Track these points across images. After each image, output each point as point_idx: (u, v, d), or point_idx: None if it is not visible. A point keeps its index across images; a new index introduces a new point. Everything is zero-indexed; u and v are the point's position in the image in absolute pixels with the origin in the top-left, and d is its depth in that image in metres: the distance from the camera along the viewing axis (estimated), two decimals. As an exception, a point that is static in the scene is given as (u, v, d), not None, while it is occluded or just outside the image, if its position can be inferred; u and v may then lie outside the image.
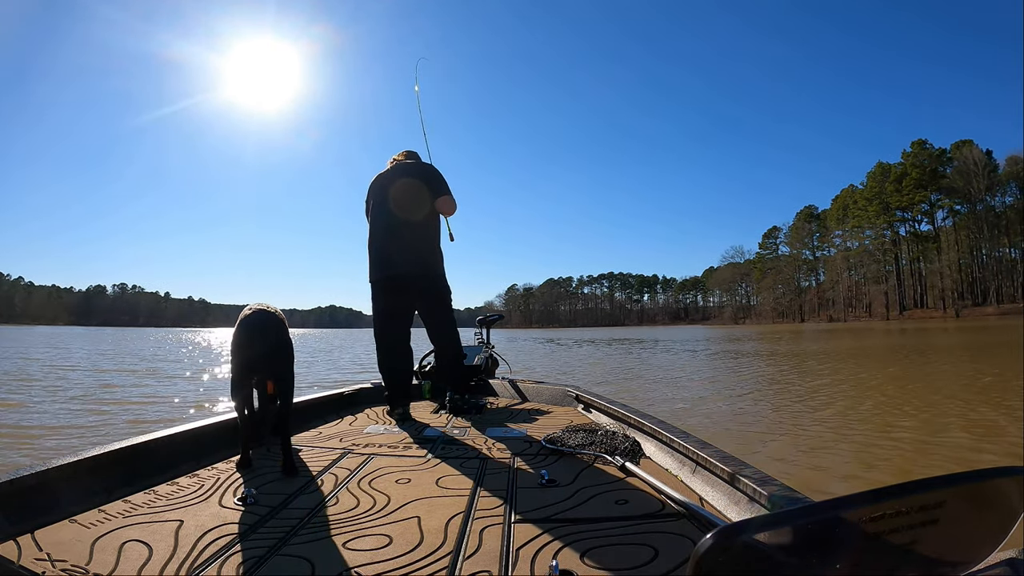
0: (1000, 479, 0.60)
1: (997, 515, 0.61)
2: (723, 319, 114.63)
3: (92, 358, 16.11)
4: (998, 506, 0.60)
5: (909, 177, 76.45)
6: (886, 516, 0.56)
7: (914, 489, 0.56)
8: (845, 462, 3.90)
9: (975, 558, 0.62)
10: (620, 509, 1.45)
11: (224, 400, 6.90)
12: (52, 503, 1.43)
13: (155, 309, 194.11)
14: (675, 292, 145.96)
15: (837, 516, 0.56)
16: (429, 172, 3.11)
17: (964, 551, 0.62)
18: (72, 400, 7.03)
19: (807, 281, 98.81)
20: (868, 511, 0.56)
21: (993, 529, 0.61)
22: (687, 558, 0.85)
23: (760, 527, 0.53)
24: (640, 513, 1.42)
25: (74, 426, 5.32)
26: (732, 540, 0.50)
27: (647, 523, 1.35)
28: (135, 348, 23.05)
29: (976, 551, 0.62)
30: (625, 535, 1.28)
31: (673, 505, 1.45)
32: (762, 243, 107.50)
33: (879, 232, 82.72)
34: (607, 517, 1.39)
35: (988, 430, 4.77)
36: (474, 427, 2.60)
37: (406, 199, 2.99)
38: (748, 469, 1.47)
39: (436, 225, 3.11)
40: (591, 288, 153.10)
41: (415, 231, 2.99)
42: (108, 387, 8.69)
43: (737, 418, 5.62)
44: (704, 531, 1.11)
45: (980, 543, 0.62)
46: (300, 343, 28.12)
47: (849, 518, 0.56)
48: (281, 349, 1.98)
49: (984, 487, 0.60)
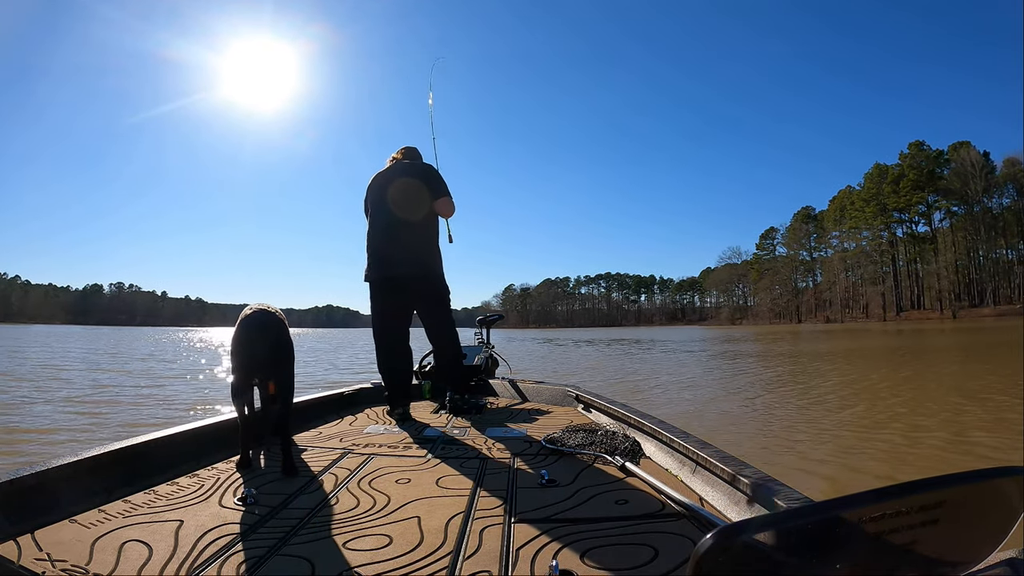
0: (1000, 479, 0.59)
1: (997, 515, 0.60)
2: (720, 320, 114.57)
3: (92, 358, 15.98)
4: (998, 506, 0.60)
5: (906, 178, 76.53)
6: (886, 516, 0.56)
7: (914, 489, 0.56)
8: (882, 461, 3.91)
9: (975, 558, 0.62)
10: (620, 509, 1.46)
11: (218, 403, 6.82)
12: (52, 503, 1.43)
13: (152, 308, 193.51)
14: (672, 293, 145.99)
15: (837, 516, 0.55)
16: (428, 172, 3.09)
17: (964, 551, 0.62)
18: (65, 402, 6.88)
19: (804, 282, 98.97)
20: (868, 511, 0.55)
21: (993, 529, 0.61)
22: (687, 558, 0.85)
23: (760, 527, 0.53)
24: (640, 513, 1.42)
25: (63, 428, 5.19)
26: (732, 540, 0.50)
27: (647, 523, 1.35)
28: (132, 348, 22.89)
29: (976, 551, 0.62)
30: (625, 535, 1.28)
31: (673, 505, 1.46)
32: (759, 244, 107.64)
33: (876, 233, 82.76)
34: (607, 517, 1.40)
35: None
36: (474, 427, 2.60)
37: (405, 199, 2.98)
38: (748, 469, 1.47)
39: (435, 226, 3.09)
40: (588, 288, 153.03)
41: (414, 231, 2.97)
42: (102, 387, 8.59)
43: (772, 427, 5.39)
44: (704, 531, 1.11)
45: (980, 543, 0.62)
46: (298, 343, 29.42)
47: (849, 518, 0.55)
48: (281, 349, 1.98)
49: (984, 487, 0.59)
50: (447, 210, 3.08)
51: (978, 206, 72.21)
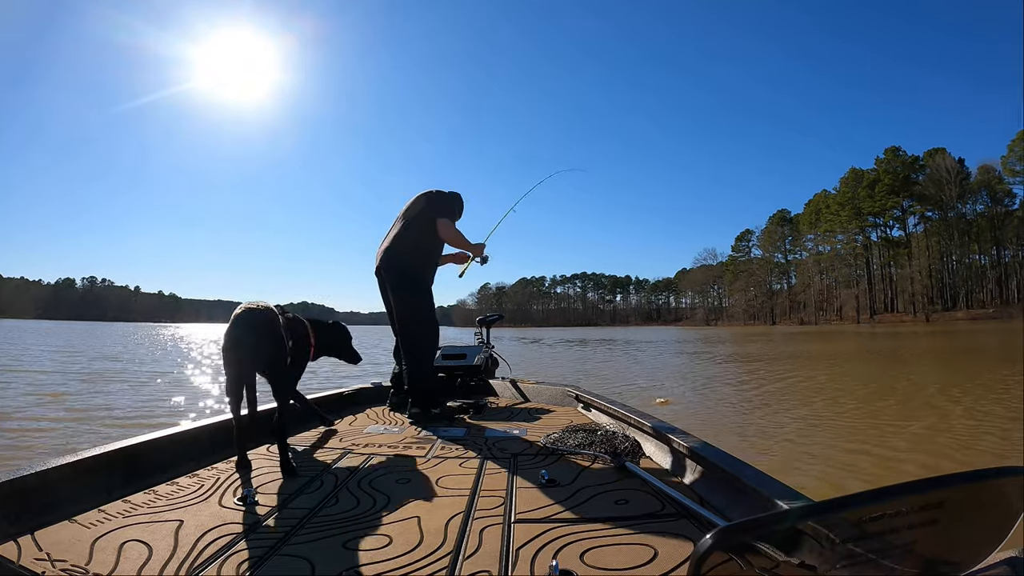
0: (1000, 479, 0.60)
1: (997, 515, 0.60)
2: (695, 320, 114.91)
3: (45, 355, 14.64)
4: (998, 506, 0.60)
5: (882, 183, 77.48)
6: (886, 516, 0.56)
7: (914, 489, 0.57)
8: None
9: (975, 558, 0.62)
10: (620, 509, 1.47)
11: (193, 414, 5.98)
12: (52, 503, 1.42)
13: (125, 303, 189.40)
14: (648, 293, 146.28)
15: (837, 516, 0.56)
16: (436, 195, 3.27)
17: (964, 551, 0.62)
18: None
19: (779, 284, 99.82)
20: (868, 511, 0.56)
21: (993, 529, 0.61)
22: (687, 558, 0.92)
23: (760, 527, 0.54)
24: (640, 513, 1.43)
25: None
26: (732, 540, 0.51)
27: (647, 523, 1.36)
28: (94, 345, 20.64)
29: (976, 551, 0.62)
30: (625, 535, 1.29)
31: (673, 505, 1.46)
32: (735, 245, 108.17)
33: (851, 237, 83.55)
34: (607, 517, 1.40)
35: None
36: (474, 427, 2.62)
37: (410, 207, 3.24)
38: (748, 469, 1.48)
39: (430, 235, 3.17)
40: (564, 288, 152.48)
41: (403, 231, 3.14)
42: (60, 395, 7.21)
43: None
44: (704, 531, 1.10)
45: (980, 543, 0.62)
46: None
47: (849, 518, 0.56)
48: (267, 344, 1.96)
49: (984, 487, 0.60)
50: (443, 232, 3.17)
51: (952, 212, 73.24)
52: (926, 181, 74.20)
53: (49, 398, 6.89)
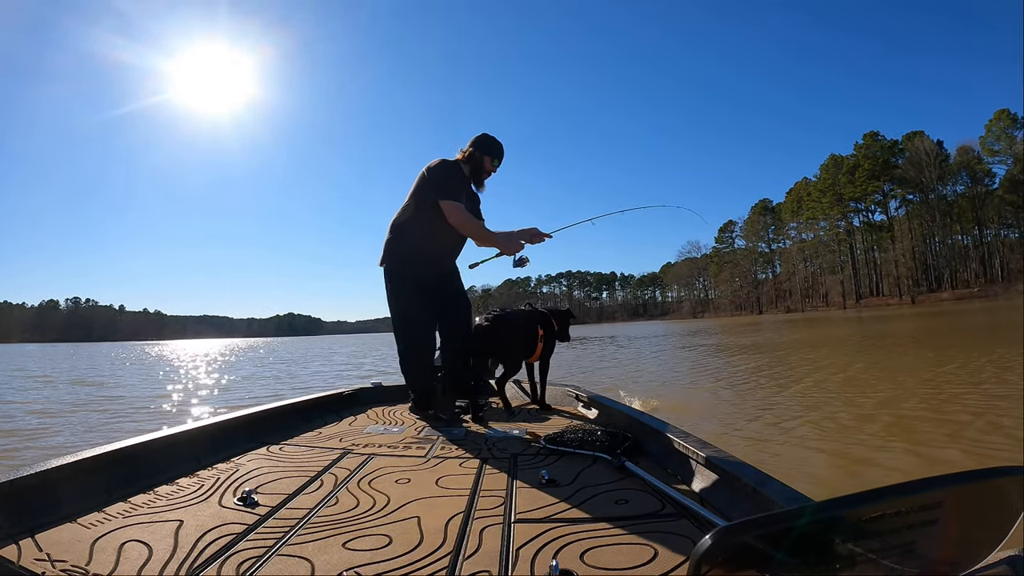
0: (1000, 479, 0.60)
1: (997, 515, 0.61)
2: (682, 314, 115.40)
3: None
4: (998, 506, 0.60)
5: (862, 168, 78.17)
6: (886, 516, 0.56)
7: (914, 489, 0.57)
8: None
9: (975, 558, 0.62)
10: (620, 509, 1.45)
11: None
12: (52, 504, 1.42)
13: (110, 323, 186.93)
14: (633, 289, 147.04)
15: (837, 516, 0.56)
16: (433, 169, 2.83)
17: (964, 551, 0.62)
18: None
19: (764, 273, 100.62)
20: (868, 511, 0.56)
21: (993, 529, 0.61)
22: (687, 558, 0.94)
23: (760, 527, 0.54)
24: (640, 513, 1.42)
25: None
26: (732, 540, 0.51)
27: (647, 523, 1.35)
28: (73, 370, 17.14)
29: (976, 551, 0.62)
30: (625, 535, 1.28)
31: (673, 505, 1.46)
32: (718, 237, 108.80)
33: (833, 223, 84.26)
34: (607, 517, 1.39)
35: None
36: (474, 427, 2.59)
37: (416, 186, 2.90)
38: (748, 469, 1.47)
39: (428, 213, 2.79)
40: (550, 287, 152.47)
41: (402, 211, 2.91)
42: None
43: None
44: (704, 531, 1.10)
45: (980, 543, 0.62)
46: (261, 357, 26.89)
47: (849, 518, 0.56)
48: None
49: (984, 487, 0.60)
50: (449, 215, 2.75)
51: (933, 194, 74.04)
52: (906, 164, 75.01)
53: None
